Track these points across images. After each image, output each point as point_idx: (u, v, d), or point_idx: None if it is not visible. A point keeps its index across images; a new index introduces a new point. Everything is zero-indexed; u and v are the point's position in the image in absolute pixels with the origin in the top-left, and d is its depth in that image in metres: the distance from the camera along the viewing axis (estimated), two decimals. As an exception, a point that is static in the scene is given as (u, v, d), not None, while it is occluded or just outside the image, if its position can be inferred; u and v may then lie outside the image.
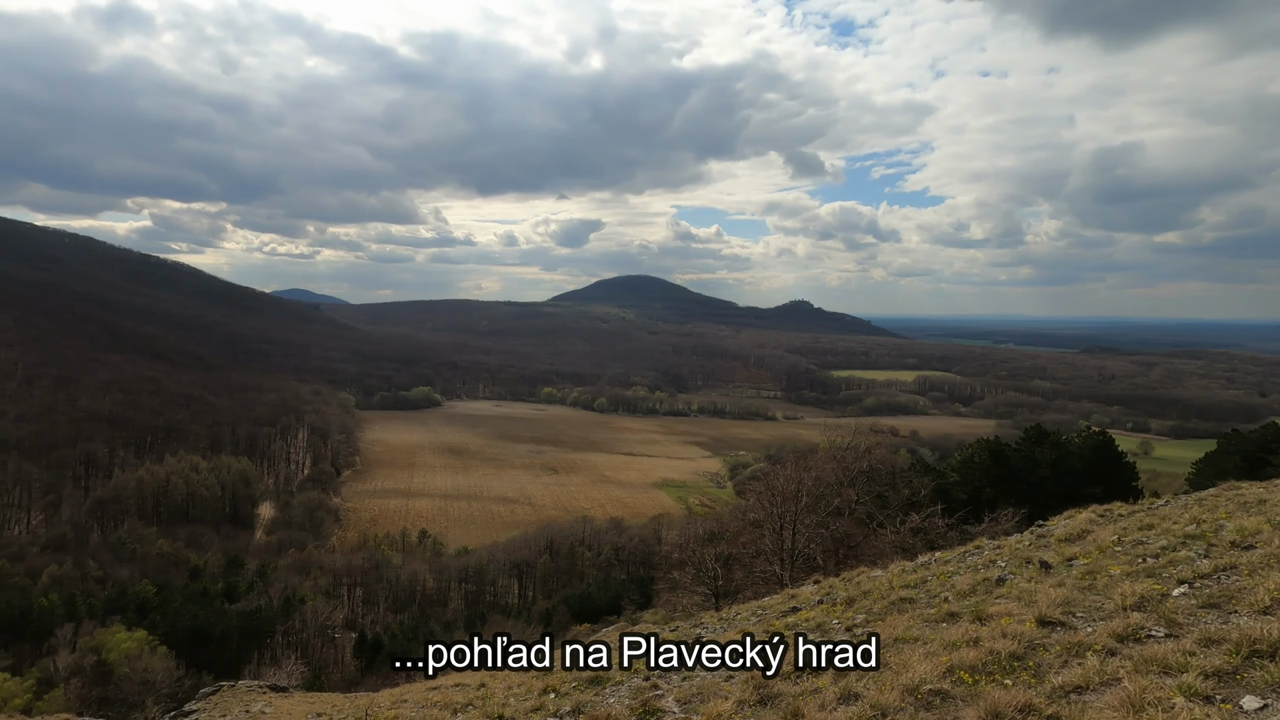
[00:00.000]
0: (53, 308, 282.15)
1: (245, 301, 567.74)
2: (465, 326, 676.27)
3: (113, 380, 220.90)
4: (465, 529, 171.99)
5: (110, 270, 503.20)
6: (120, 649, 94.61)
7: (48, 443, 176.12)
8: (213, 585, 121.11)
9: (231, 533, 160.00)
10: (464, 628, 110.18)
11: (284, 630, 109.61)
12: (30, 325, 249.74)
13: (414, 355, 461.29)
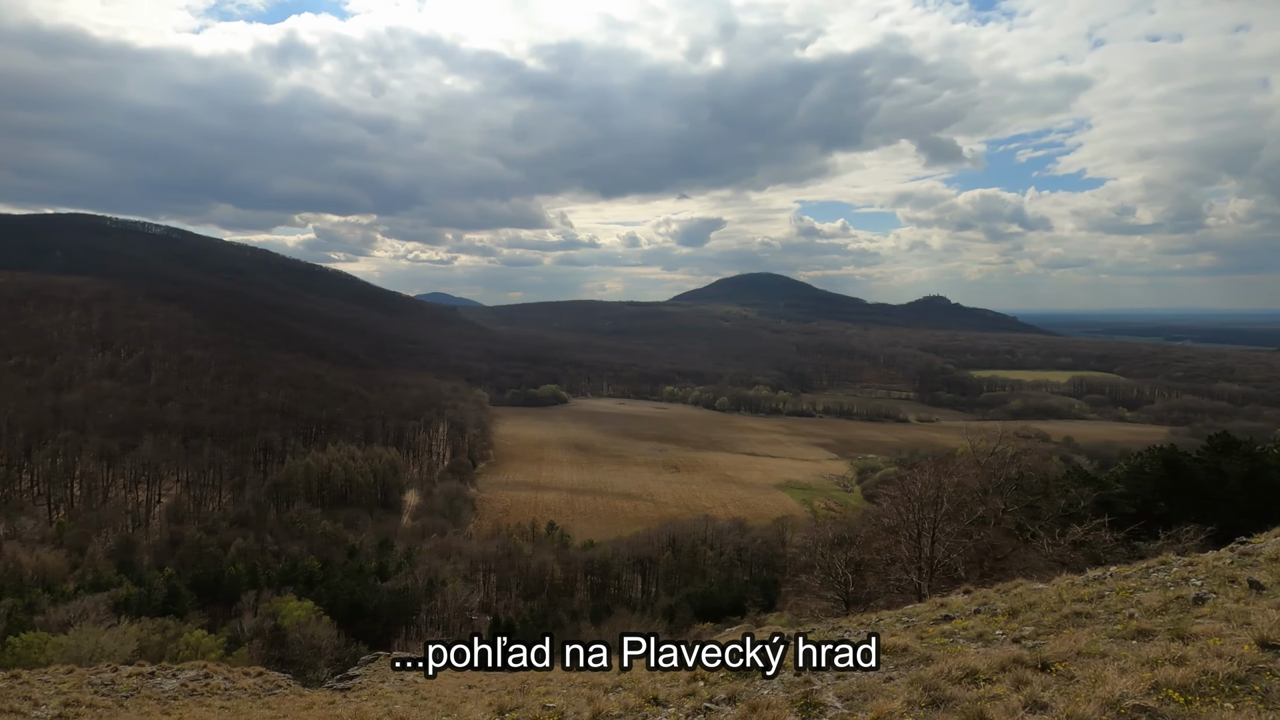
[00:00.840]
0: (238, 312, 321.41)
1: (393, 305, 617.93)
2: (590, 326, 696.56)
3: (285, 377, 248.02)
4: (590, 523, 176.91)
5: (282, 278, 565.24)
6: (292, 616, 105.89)
7: (234, 431, 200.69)
8: (367, 564, 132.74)
9: (382, 516, 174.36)
10: (590, 618, 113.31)
11: (427, 609, 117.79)
12: (221, 328, 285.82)
13: (542, 354, 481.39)
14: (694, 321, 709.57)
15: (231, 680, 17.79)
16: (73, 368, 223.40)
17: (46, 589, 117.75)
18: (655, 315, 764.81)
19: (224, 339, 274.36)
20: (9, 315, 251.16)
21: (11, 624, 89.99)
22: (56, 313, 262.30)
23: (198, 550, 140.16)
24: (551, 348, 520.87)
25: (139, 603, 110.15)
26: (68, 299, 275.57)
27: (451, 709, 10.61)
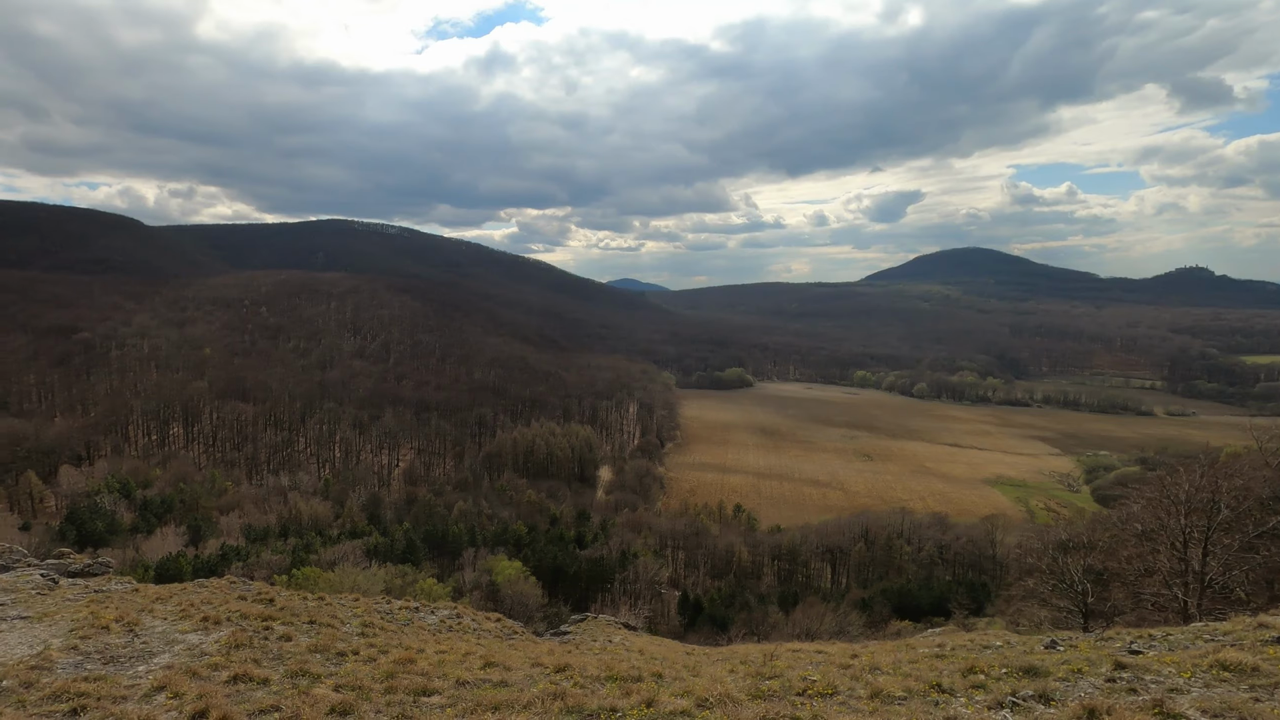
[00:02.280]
0: (456, 300, 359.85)
1: (586, 292, 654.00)
2: (775, 309, 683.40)
3: (495, 358, 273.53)
4: (776, 508, 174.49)
5: (492, 270, 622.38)
6: (505, 574, 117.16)
7: (455, 406, 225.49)
8: (567, 532, 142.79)
9: (579, 489, 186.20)
10: (778, 603, 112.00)
11: (621, 579, 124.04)
12: (443, 315, 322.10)
13: (726, 338, 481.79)
14: (888, 302, 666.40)
15: (477, 623, 19.94)
16: (333, 350, 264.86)
17: (318, 532, 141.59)
18: (845, 296, 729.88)
19: (446, 324, 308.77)
20: (287, 306, 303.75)
21: (295, 559, 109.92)
22: (320, 303, 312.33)
23: (428, 509, 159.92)
24: (736, 331, 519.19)
25: (384, 550, 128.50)
26: (328, 292, 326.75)
27: (695, 670, 10.80)
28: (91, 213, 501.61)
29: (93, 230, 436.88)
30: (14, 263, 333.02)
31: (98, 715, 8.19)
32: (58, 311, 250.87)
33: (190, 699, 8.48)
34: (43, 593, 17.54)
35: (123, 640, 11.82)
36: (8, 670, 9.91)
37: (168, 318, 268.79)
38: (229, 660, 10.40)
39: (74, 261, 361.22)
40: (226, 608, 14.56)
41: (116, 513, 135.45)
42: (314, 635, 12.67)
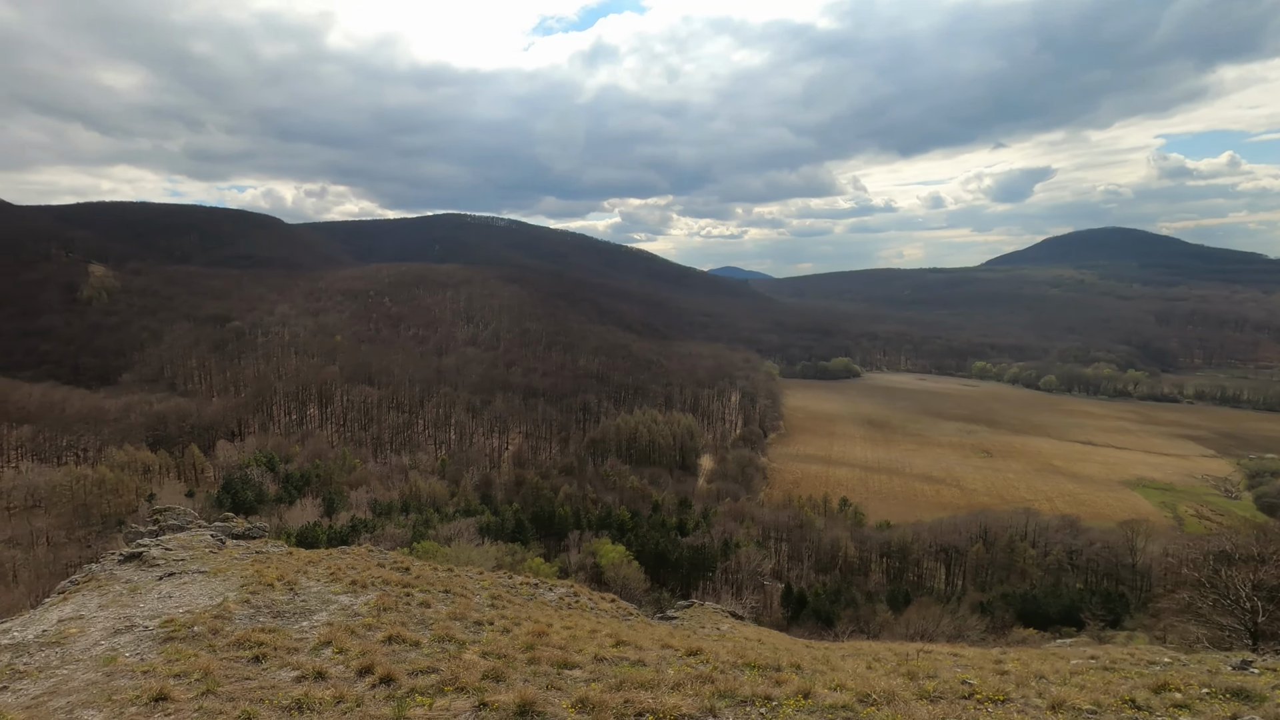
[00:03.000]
0: (562, 290, 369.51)
1: (688, 280, 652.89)
2: (885, 297, 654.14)
3: (599, 346, 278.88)
4: (885, 503, 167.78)
5: (595, 259, 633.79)
6: (609, 557, 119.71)
7: (560, 392, 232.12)
8: (669, 519, 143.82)
9: (680, 477, 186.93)
10: (887, 602, 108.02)
11: (723, 568, 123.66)
12: (549, 304, 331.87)
13: (832, 326, 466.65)
14: (1012, 288, 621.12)
15: (594, 602, 20.40)
16: (448, 337, 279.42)
17: (435, 509, 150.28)
18: (963, 282, 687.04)
19: (552, 313, 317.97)
20: (407, 296, 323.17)
21: (416, 533, 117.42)
22: (436, 294, 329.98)
23: (535, 491, 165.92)
24: (842, 319, 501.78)
25: (495, 529, 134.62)
26: (443, 283, 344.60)
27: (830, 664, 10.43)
28: (240, 213, 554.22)
29: (241, 229, 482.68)
30: (179, 259, 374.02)
31: (276, 664, 9.00)
32: (214, 302, 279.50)
33: (354, 655, 9.15)
34: (214, 551, 19.57)
35: (285, 597, 12.95)
36: (196, 618, 11.11)
37: (304, 308, 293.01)
38: (380, 621, 11.16)
39: (227, 257, 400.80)
40: (370, 573, 15.66)
41: (263, 484, 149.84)
42: (450, 604, 13.36)
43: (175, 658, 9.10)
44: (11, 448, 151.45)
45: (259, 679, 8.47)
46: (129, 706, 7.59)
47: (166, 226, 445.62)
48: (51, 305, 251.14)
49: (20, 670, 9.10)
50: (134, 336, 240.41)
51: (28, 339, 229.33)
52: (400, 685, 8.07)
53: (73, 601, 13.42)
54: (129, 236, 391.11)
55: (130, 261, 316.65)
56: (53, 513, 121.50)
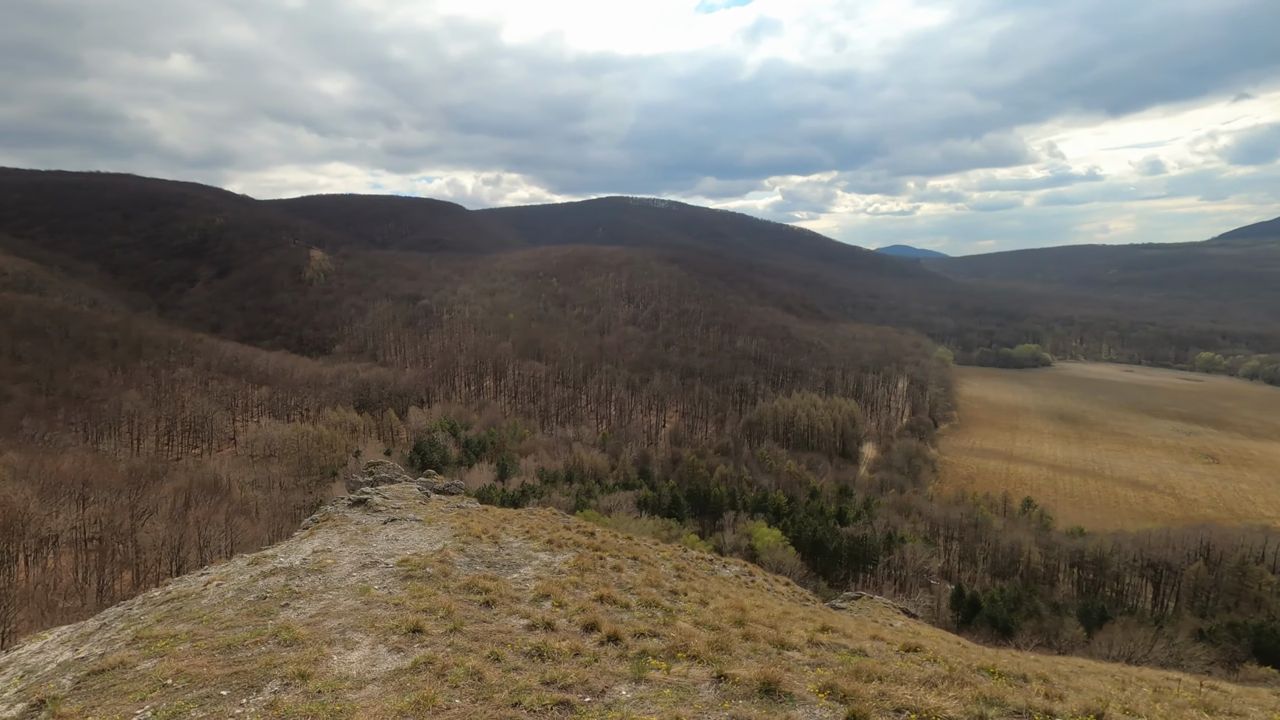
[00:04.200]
0: (720, 270, 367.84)
1: (852, 260, 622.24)
2: (1084, 277, 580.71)
3: (758, 327, 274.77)
4: (1078, 508, 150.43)
5: (755, 239, 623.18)
6: (764, 540, 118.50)
7: (718, 373, 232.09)
8: (827, 507, 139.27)
9: (840, 464, 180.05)
10: (1078, 617, 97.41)
11: (885, 562, 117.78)
12: (708, 284, 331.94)
13: (1018, 310, 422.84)
14: (1253, 266, 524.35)
15: (770, 583, 20.03)
16: (610, 316, 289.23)
17: (597, 480, 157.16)
18: (1186, 259, 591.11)
19: (710, 293, 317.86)
20: (573, 277, 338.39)
21: (579, 502, 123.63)
22: (599, 274, 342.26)
23: (691, 470, 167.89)
24: (1031, 301, 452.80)
25: (652, 503, 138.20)
26: (606, 264, 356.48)
27: (1064, 677, 9.24)
28: (429, 201, 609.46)
29: (430, 216, 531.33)
30: (380, 244, 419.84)
31: (504, 610, 9.65)
32: (408, 282, 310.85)
33: (573, 610, 9.57)
34: (422, 502, 21.66)
35: (493, 550, 13.94)
36: (425, 560, 12.26)
37: (482, 287, 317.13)
38: (583, 581, 11.62)
39: (418, 242, 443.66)
40: (559, 534, 16.47)
41: (447, 447, 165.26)
42: (639, 570, 13.64)
43: (418, 595, 10.09)
44: (254, 405, 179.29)
45: (494, 623, 9.12)
46: (390, 634, 8.49)
47: (370, 215, 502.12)
48: (283, 285, 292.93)
49: (296, 591, 10.59)
50: (345, 313, 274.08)
51: (266, 313, 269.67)
52: (628, 645, 8.26)
53: (319, 536, 15.44)
54: (341, 225, 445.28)
55: (342, 247, 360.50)
56: (284, 462, 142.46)
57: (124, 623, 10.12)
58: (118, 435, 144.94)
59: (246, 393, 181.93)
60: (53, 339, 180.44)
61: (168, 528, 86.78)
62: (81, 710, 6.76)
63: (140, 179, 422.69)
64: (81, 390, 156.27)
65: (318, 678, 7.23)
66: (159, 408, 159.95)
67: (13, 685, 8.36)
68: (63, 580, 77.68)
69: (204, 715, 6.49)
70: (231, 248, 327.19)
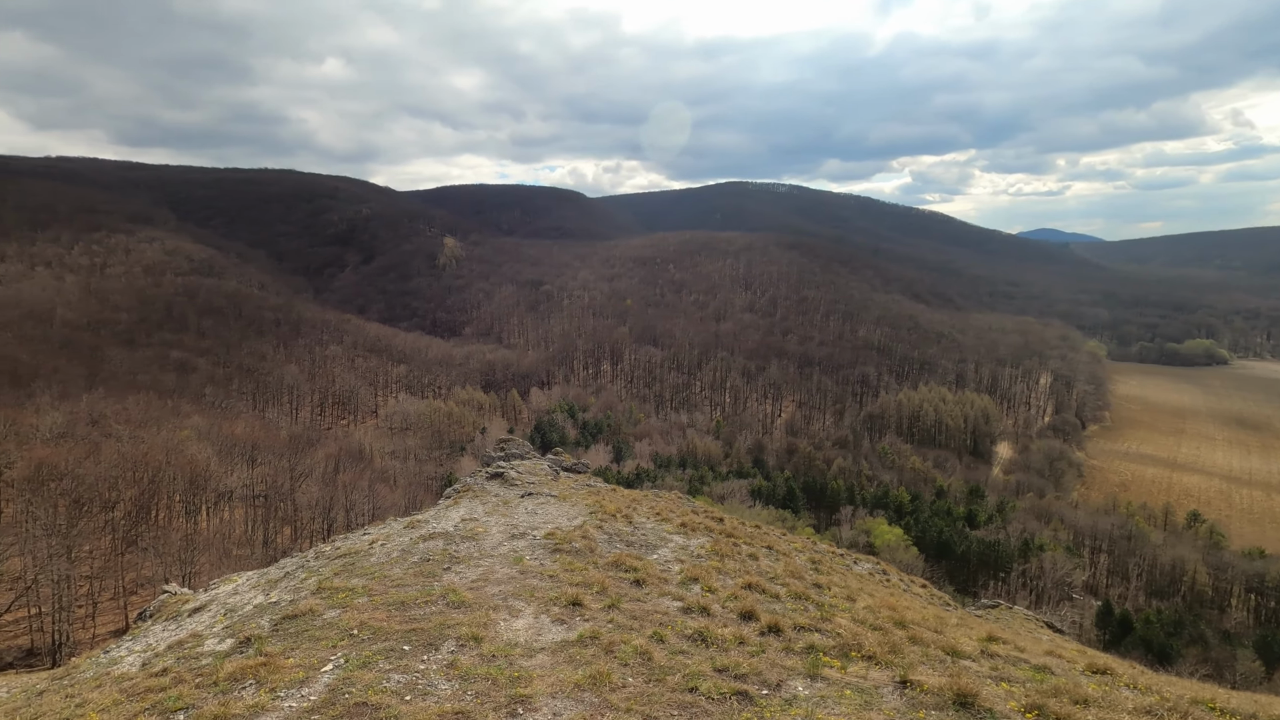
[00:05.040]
0: (842, 256, 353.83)
1: (990, 245, 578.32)
2: (1276, 263, 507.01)
3: (882, 316, 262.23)
4: (1258, 526, 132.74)
5: (880, 223, 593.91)
6: (883, 538, 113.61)
7: (837, 363, 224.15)
8: (955, 507, 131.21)
9: (971, 463, 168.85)
10: (1254, 649, 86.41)
11: (1020, 570, 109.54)
12: (829, 271, 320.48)
13: (1189, 300, 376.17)
14: None
15: (905, 583, 18.97)
16: (726, 303, 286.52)
17: (710, 467, 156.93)
18: None
19: (831, 280, 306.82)
20: (689, 263, 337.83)
21: (691, 488, 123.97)
22: (716, 260, 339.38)
23: (807, 461, 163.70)
24: (1204, 291, 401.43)
25: (766, 493, 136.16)
26: (724, 250, 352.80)
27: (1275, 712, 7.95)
28: (551, 190, 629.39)
29: (552, 204, 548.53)
30: (506, 232, 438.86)
31: (655, 591, 9.66)
32: (531, 268, 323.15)
33: (724, 596, 9.41)
34: (553, 479, 22.34)
35: (628, 529, 14.06)
36: (569, 535, 12.56)
37: (601, 273, 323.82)
38: (724, 567, 11.42)
39: (541, 229, 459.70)
40: (688, 518, 16.38)
41: (565, 428, 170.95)
42: (775, 560, 13.26)
43: (570, 568, 10.33)
44: (393, 382, 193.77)
45: (648, 602, 9.15)
46: (551, 605, 8.73)
47: (497, 204, 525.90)
48: (419, 271, 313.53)
49: (455, 556, 11.19)
50: (473, 297, 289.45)
51: (404, 297, 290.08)
52: (790, 638, 7.98)
53: (463, 505, 16.28)
54: (471, 213, 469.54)
55: (472, 234, 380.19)
56: (418, 435, 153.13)
57: (305, 573, 11.13)
58: (280, 405, 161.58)
59: (386, 370, 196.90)
60: (229, 318, 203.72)
61: (320, 489, 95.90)
62: (283, 650, 7.43)
63: (300, 174, 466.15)
64: (251, 364, 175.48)
65: (489, 641, 7.51)
66: (313, 381, 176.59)
67: (219, 622, 9.41)
68: (235, 531, 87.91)
69: (390, 667, 6.91)
70: (375, 236, 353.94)
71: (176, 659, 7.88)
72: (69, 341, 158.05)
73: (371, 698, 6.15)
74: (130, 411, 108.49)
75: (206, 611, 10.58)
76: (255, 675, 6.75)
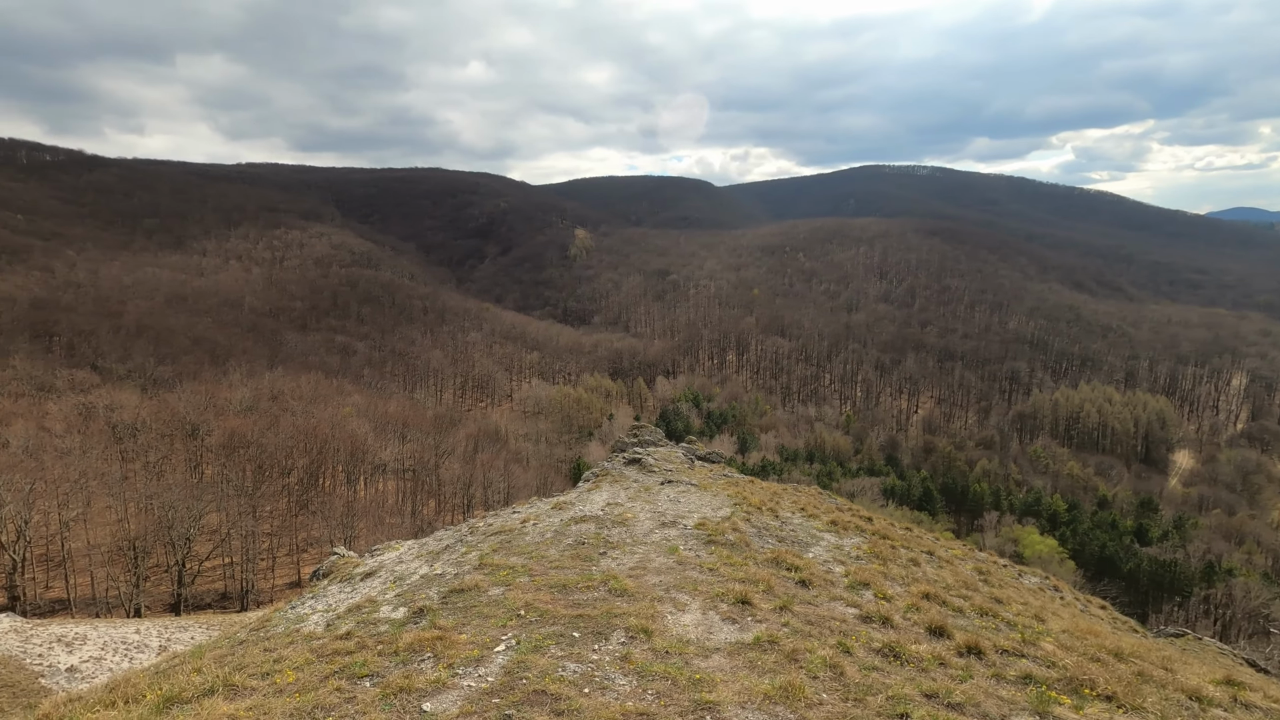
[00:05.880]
0: (992, 243, 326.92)
1: (1171, 227, 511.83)
2: None
3: (1037, 307, 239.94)
4: None
5: (1036, 206, 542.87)
6: (1034, 549, 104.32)
7: (983, 357, 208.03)
8: (1122, 520, 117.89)
9: (1142, 472, 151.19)
10: None
11: (1202, 596, 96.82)
12: (976, 258, 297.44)
13: None
14: None
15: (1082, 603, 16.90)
16: (859, 293, 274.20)
17: (839, 463, 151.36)
18: None
19: (978, 268, 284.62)
20: (820, 252, 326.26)
21: (819, 483, 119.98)
22: (850, 248, 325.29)
23: (946, 461, 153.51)
24: None
25: (900, 493, 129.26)
26: (857, 237, 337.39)
27: None
28: (678, 180, 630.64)
29: (679, 194, 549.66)
30: (634, 222, 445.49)
31: (823, 594, 9.06)
32: (658, 258, 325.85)
33: (903, 607, 8.60)
34: (688, 467, 22.07)
35: (776, 524, 13.44)
36: (719, 527, 12.19)
37: (728, 262, 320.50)
38: (888, 572, 10.52)
39: (668, 219, 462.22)
40: (838, 516, 15.45)
41: (690, 418, 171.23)
42: (939, 568, 12.11)
43: (729, 562, 9.92)
44: (526, 367, 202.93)
45: (820, 606, 8.51)
46: (718, 601, 8.35)
47: (625, 195, 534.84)
48: (552, 261, 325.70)
49: (610, 541, 11.16)
50: (602, 287, 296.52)
51: (537, 287, 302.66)
52: (995, 663, 7.05)
53: (604, 490, 16.36)
54: (600, 205, 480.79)
55: (602, 226, 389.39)
56: (549, 419, 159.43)
57: (465, 547, 11.55)
58: (426, 386, 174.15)
59: (521, 356, 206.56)
60: (384, 306, 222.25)
61: (461, 467, 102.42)
62: (455, 625, 7.60)
63: (445, 171, 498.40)
64: (402, 348, 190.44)
65: (659, 635, 7.22)
66: (455, 365, 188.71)
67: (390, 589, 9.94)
68: (388, 501, 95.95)
69: (563, 654, 6.81)
70: (512, 228, 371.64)
71: (357, 623, 8.33)
72: (255, 326, 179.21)
73: (550, 686, 6.02)
74: (303, 389, 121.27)
75: (376, 577, 11.26)
76: (432, 648, 6.89)
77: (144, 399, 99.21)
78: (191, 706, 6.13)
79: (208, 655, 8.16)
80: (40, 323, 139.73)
